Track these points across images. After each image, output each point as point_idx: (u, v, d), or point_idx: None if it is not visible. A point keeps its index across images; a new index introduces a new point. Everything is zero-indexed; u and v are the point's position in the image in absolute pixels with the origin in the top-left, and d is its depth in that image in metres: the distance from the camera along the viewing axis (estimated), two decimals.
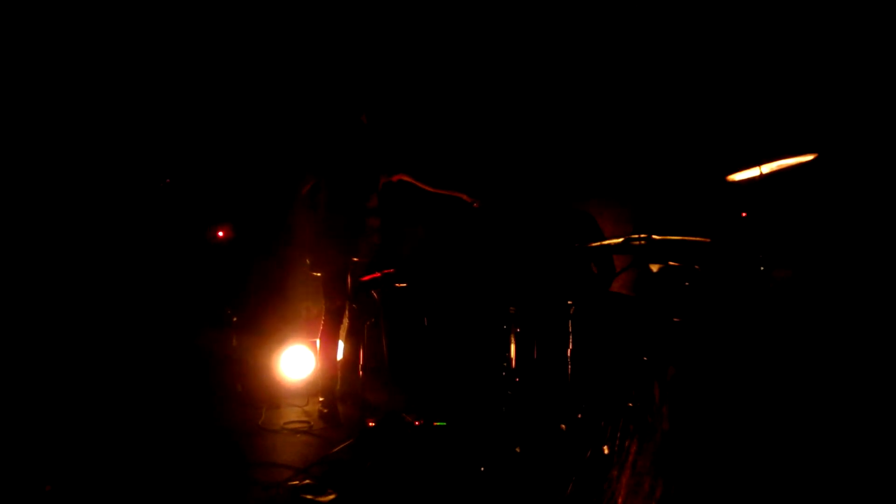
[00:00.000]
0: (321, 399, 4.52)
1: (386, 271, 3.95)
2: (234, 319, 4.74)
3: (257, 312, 5.04)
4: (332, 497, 3.17)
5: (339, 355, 4.66)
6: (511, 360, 3.91)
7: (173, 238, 4.85)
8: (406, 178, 4.72)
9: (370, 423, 4.30)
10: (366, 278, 4.00)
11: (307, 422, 4.37)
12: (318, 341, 4.57)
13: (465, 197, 4.70)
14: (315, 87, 5.05)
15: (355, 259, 4.48)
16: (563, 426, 3.41)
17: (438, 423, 4.08)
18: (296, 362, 4.90)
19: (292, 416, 4.50)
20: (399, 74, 5.06)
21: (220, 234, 4.71)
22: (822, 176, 3.65)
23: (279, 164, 4.88)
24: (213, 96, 5.06)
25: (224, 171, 4.97)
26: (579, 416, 3.35)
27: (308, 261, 4.49)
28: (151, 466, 3.48)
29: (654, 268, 3.35)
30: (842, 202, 3.68)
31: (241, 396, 4.66)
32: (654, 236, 3.11)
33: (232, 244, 4.80)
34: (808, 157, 2.99)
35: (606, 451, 2.95)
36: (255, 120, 5.09)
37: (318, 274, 4.50)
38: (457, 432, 3.97)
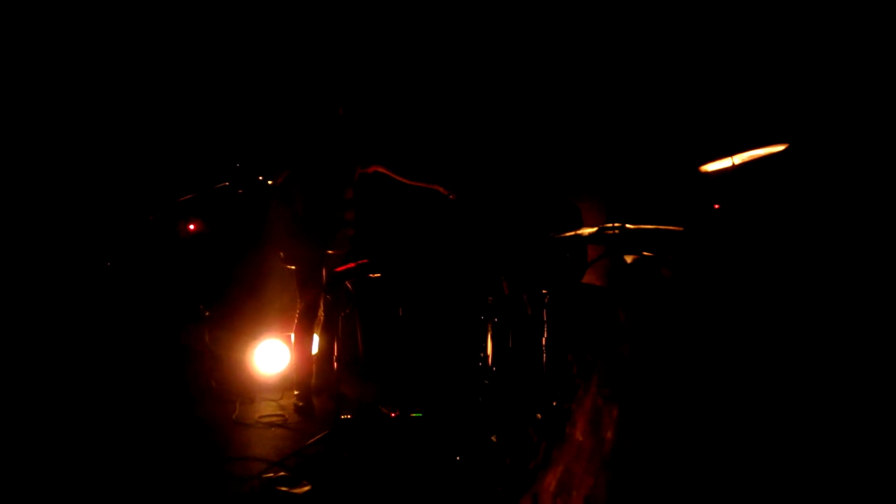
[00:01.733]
0: (296, 392, 4.48)
1: (360, 262, 3.92)
2: (207, 314, 4.68)
3: (232, 307, 4.97)
4: (307, 488, 3.14)
5: (315, 349, 4.63)
6: (487, 350, 3.93)
7: (145, 232, 4.77)
8: (382, 171, 4.70)
9: (346, 416, 4.28)
10: (340, 269, 3.97)
11: (282, 415, 4.33)
12: (292, 335, 4.54)
13: (441, 189, 4.68)
14: (291, 78, 5.00)
15: (330, 252, 4.45)
16: (539, 415, 3.43)
17: (415, 415, 4.07)
18: (270, 357, 4.85)
19: (267, 410, 4.46)
20: (376, 66, 5.03)
21: (191, 227, 4.64)
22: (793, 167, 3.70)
23: (254, 155, 4.82)
24: (187, 89, 4.98)
25: (198, 161, 4.89)
26: (554, 403, 3.37)
27: (281, 254, 4.45)
28: (125, 462, 3.42)
29: (629, 258, 3.38)
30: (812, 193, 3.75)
31: (215, 392, 4.60)
32: (627, 225, 3.13)
33: (205, 238, 4.73)
34: (779, 148, 3.03)
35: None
36: (230, 111, 5.02)
37: (293, 267, 4.46)
38: (433, 423, 3.97)
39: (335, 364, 4.57)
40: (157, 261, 4.77)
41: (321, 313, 4.59)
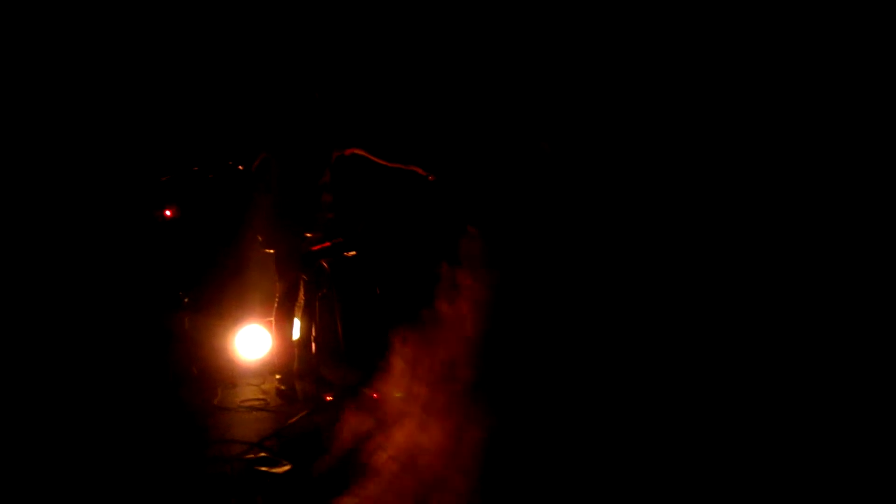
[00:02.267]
0: (278, 377, 4.48)
1: (335, 240, 3.92)
2: (186, 300, 4.65)
3: (212, 293, 4.94)
4: (286, 468, 3.15)
5: (296, 332, 4.62)
6: None
7: (122, 218, 4.72)
8: (360, 153, 4.67)
9: (327, 398, 4.29)
10: (315, 248, 3.97)
11: (264, 399, 4.34)
12: (272, 319, 4.53)
13: (419, 170, 4.67)
14: (266, 63, 4.95)
15: (308, 235, 4.44)
16: None
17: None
18: (252, 342, 4.83)
19: (249, 394, 4.45)
20: (351, 47, 4.99)
21: (168, 213, 4.61)
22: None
23: (230, 139, 4.79)
24: (160, 73, 4.91)
25: (175, 147, 4.84)
26: None
27: (259, 238, 4.44)
28: (106, 446, 3.41)
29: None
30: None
31: (196, 378, 4.58)
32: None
33: (182, 223, 4.69)
34: None
35: None
36: (206, 94, 4.97)
37: (272, 251, 4.45)
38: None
39: (313, 347, 4.58)
40: (134, 246, 4.72)
41: (301, 297, 4.58)
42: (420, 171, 4.67)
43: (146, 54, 4.83)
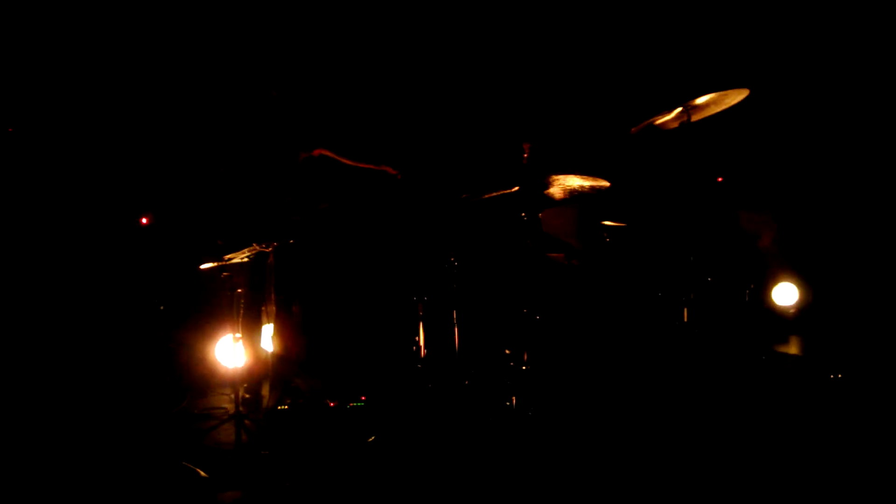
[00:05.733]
0: (245, 385, 4.37)
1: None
2: (161, 308, 4.63)
3: (190, 302, 4.90)
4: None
5: (267, 341, 4.51)
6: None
7: (99, 225, 4.74)
8: (326, 153, 4.53)
9: (283, 407, 4.14)
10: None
11: (223, 408, 4.24)
12: (240, 328, 4.43)
13: (388, 169, 4.50)
14: (218, 63, 4.89)
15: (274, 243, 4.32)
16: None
17: (355, 404, 3.92)
18: (228, 351, 4.75)
19: (216, 402, 4.38)
20: (310, 42, 4.86)
21: (144, 220, 4.61)
22: None
23: (197, 146, 4.75)
24: (126, 78, 4.89)
25: (145, 157, 4.84)
26: None
27: (220, 242, 4.35)
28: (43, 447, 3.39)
29: None
30: None
31: (168, 385, 4.55)
32: None
33: (158, 231, 4.68)
34: None
35: None
36: (165, 102, 4.95)
37: (230, 257, 4.35)
38: (371, 411, 3.82)
39: (282, 355, 4.44)
40: (111, 254, 4.74)
41: (271, 305, 4.46)
42: (389, 170, 4.50)
43: (109, 61, 4.83)
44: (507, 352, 3.67)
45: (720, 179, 5.20)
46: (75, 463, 3.26)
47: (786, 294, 5.47)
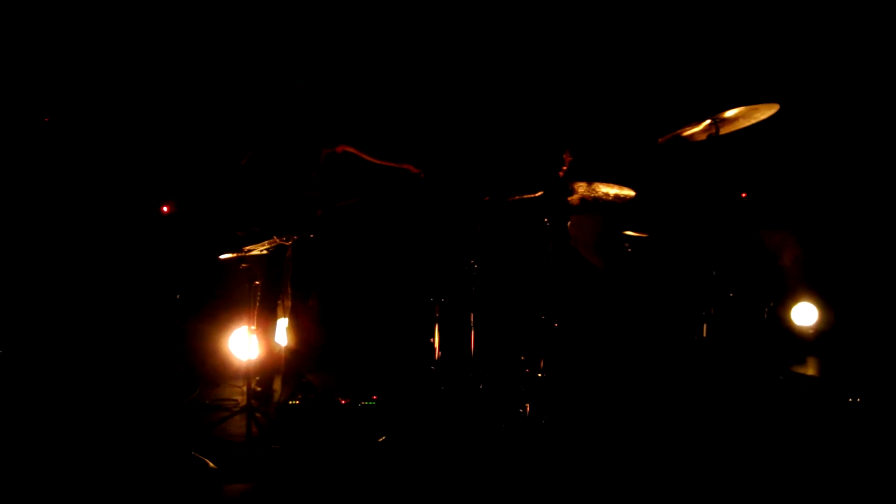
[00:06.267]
0: (257, 378, 4.36)
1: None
2: (178, 297, 4.63)
3: (207, 292, 4.90)
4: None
5: (282, 335, 4.50)
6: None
7: (117, 214, 4.76)
8: (350, 150, 4.52)
9: (294, 402, 4.13)
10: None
11: (235, 400, 4.23)
12: (255, 321, 4.42)
13: (411, 168, 4.48)
14: (250, 56, 4.89)
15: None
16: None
17: (367, 403, 3.89)
18: (243, 343, 4.75)
19: (227, 394, 4.37)
20: (340, 40, 4.86)
21: (165, 209, 4.62)
22: None
23: (221, 136, 4.75)
24: (151, 69, 4.91)
25: (167, 145, 4.85)
26: None
27: (239, 234, 4.35)
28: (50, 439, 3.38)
29: None
30: None
31: (181, 375, 4.54)
32: None
33: (178, 220, 4.68)
34: None
35: None
36: (194, 92, 4.96)
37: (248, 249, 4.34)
38: (383, 410, 3.79)
39: (296, 350, 4.43)
40: (129, 242, 4.75)
41: (287, 300, 4.45)
42: (412, 168, 4.48)
43: (135, 53, 4.85)
44: (523, 358, 3.66)
45: (744, 195, 5.16)
46: (85, 450, 3.25)
47: (805, 314, 5.42)
